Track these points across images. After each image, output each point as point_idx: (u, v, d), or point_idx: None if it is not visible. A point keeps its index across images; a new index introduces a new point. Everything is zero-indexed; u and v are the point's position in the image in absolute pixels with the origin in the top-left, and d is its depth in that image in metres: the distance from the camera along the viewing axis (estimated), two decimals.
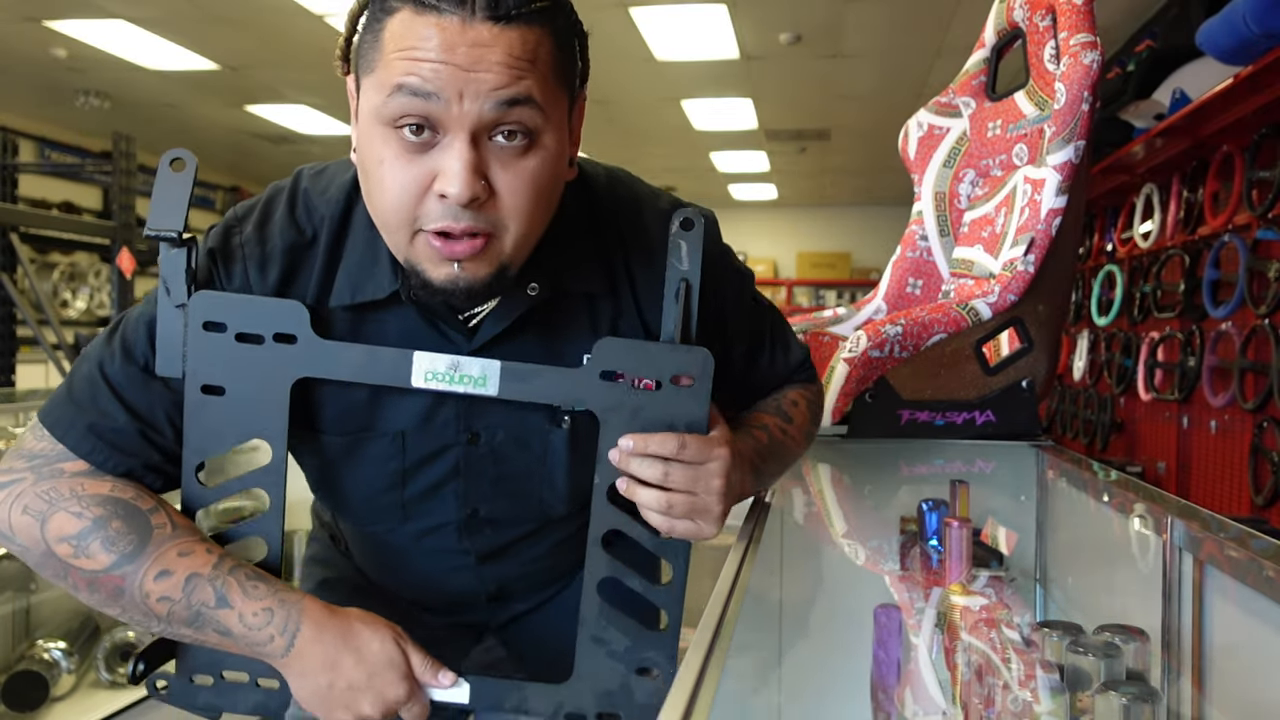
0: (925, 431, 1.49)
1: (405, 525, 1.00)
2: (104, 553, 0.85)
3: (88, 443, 0.88)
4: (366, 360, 0.87)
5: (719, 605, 0.76)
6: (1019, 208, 1.51)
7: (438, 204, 0.78)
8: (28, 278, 3.65)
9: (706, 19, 5.34)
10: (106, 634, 2.67)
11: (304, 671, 0.87)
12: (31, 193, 7.72)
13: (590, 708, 0.92)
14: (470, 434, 0.94)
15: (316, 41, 5.82)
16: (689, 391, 0.87)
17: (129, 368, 0.89)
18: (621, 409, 0.87)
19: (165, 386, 0.89)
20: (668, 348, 0.87)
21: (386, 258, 0.89)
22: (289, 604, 0.87)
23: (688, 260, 0.88)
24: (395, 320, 0.91)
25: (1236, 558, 0.83)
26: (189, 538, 0.88)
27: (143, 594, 0.85)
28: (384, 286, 0.89)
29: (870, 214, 11.75)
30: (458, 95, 0.76)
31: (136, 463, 0.89)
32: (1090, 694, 0.66)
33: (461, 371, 0.87)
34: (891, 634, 0.79)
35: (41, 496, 0.86)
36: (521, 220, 0.81)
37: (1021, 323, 1.49)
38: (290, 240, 0.91)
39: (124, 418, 0.88)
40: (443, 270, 0.81)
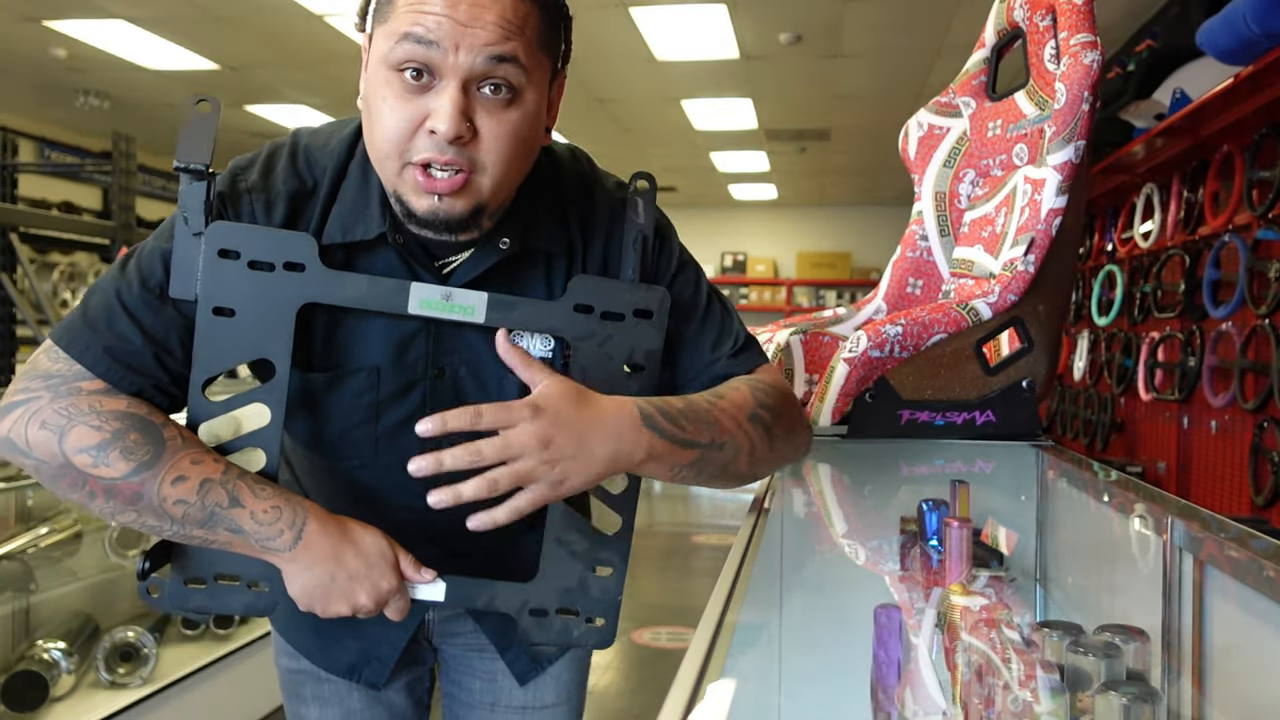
0: (925, 431, 1.49)
1: (376, 459, 1.08)
2: (123, 461, 0.92)
3: (104, 363, 0.95)
4: (368, 288, 0.97)
5: (719, 605, 0.76)
6: (1019, 208, 1.51)
7: (426, 139, 0.90)
8: (28, 278, 3.66)
9: (706, 19, 5.34)
10: (106, 634, 2.67)
11: (310, 563, 0.95)
12: (31, 193, 7.72)
13: (552, 603, 1.03)
14: (437, 369, 1.04)
15: (316, 41, 5.81)
16: (649, 324, 1.01)
17: (144, 294, 0.97)
18: (592, 338, 1.00)
19: (177, 311, 0.97)
20: (631, 285, 1.02)
21: (377, 203, 0.99)
22: (294, 503, 0.96)
23: (643, 215, 1.04)
24: (379, 262, 1.01)
25: (1236, 558, 0.83)
26: (198, 449, 0.96)
27: (160, 498, 0.92)
28: (372, 228, 0.99)
29: (870, 214, 11.74)
30: (454, 46, 0.88)
31: (148, 383, 0.97)
32: (1090, 694, 0.66)
33: (454, 300, 0.98)
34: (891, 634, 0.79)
35: (59, 413, 0.93)
36: (498, 164, 0.93)
37: (1021, 323, 1.49)
38: (293, 187, 1.01)
39: (139, 340, 0.96)
40: (425, 201, 0.92)
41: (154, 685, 2.66)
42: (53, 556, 2.64)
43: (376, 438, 1.06)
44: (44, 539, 2.60)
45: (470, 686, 1.30)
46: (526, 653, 1.27)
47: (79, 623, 2.69)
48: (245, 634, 3.08)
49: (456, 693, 1.32)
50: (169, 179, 9.83)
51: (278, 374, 0.98)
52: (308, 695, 1.28)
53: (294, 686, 1.29)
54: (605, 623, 1.04)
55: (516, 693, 1.28)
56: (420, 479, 1.04)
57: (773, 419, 1.06)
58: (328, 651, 1.25)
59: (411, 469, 0.93)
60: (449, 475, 1.04)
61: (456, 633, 1.28)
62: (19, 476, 2.56)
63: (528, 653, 1.27)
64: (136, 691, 2.61)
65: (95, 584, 2.86)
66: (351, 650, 1.23)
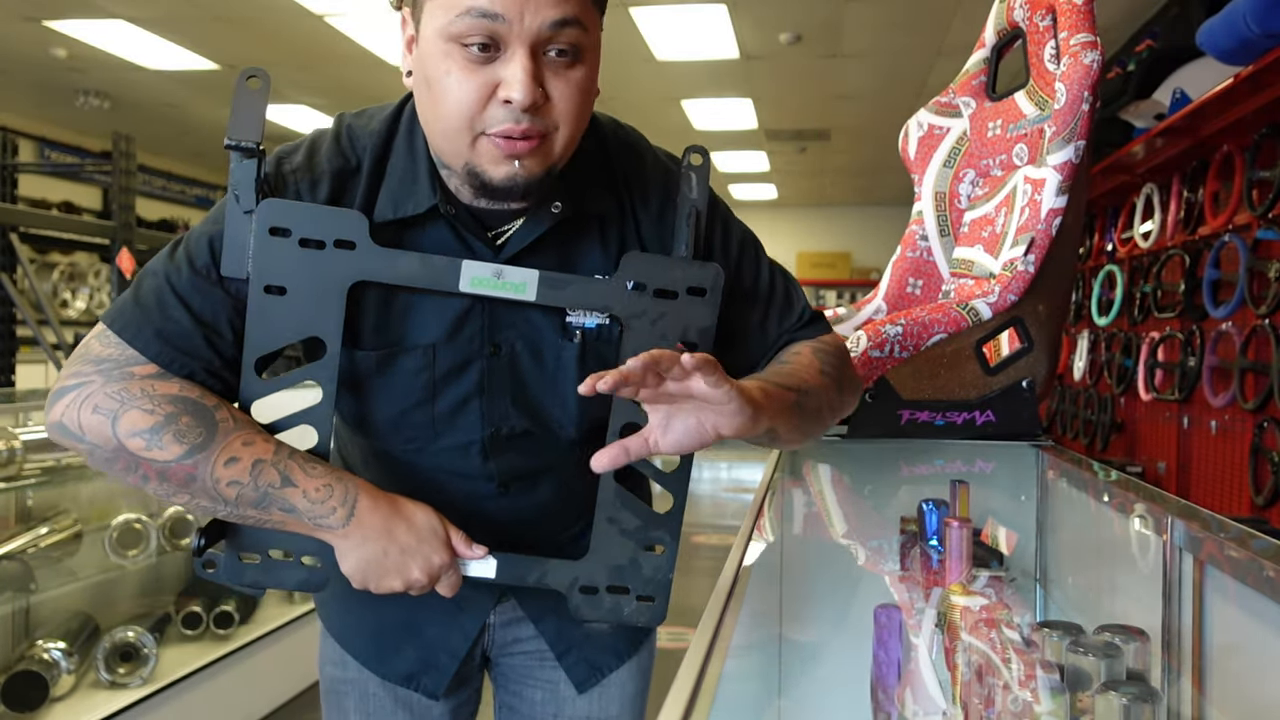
0: (925, 431, 1.49)
1: (435, 443, 1.06)
2: (176, 444, 0.93)
3: (155, 346, 0.96)
4: (419, 266, 0.97)
5: (719, 605, 0.76)
6: (1019, 208, 1.51)
7: (501, 109, 0.89)
8: (28, 278, 3.65)
9: (706, 19, 5.34)
10: (106, 634, 2.67)
11: (363, 539, 0.96)
12: (31, 193, 7.72)
13: (602, 580, 1.03)
14: (492, 345, 1.02)
15: (316, 41, 5.82)
16: (702, 301, 1.00)
17: (194, 277, 0.97)
18: (644, 316, 0.99)
19: (226, 293, 0.98)
20: (684, 262, 1.00)
21: (426, 176, 0.99)
22: (346, 480, 0.97)
23: (696, 190, 1.03)
24: (431, 235, 1.01)
25: (1236, 558, 0.83)
26: (250, 430, 0.96)
27: (214, 480, 0.93)
28: (423, 202, 0.99)
29: (870, 214, 11.74)
30: (519, 16, 0.88)
31: (199, 365, 0.97)
32: (1090, 694, 0.66)
33: (505, 279, 0.97)
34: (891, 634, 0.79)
35: (112, 397, 0.93)
36: (570, 123, 0.93)
37: (1021, 323, 1.49)
38: (337, 166, 1.00)
39: (189, 323, 0.97)
40: (503, 169, 0.92)
41: (154, 685, 2.66)
42: (53, 556, 2.64)
43: (434, 418, 1.05)
44: (44, 539, 2.60)
45: (531, 698, 1.26)
46: (586, 659, 1.24)
47: (79, 623, 2.69)
48: (245, 634, 3.08)
49: (516, 704, 1.27)
50: (169, 179, 9.83)
51: (329, 352, 0.99)
52: (350, 708, 1.24)
53: (337, 697, 1.25)
54: (657, 601, 1.04)
55: (580, 703, 1.24)
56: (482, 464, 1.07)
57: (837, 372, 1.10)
58: (385, 658, 1.21)
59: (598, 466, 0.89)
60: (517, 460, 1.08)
61: (516, 639, 1.24)
62: (19, 476, 2.56)
63: (587, 659, 1.24)
64: (136, 691, 2.61)
65: (95, 584, 2.86)
66: (410, 658, 1.20)
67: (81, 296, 7.39)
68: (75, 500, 2.80)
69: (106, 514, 2.87)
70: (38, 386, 4.12)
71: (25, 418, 2.71)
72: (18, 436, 2.52)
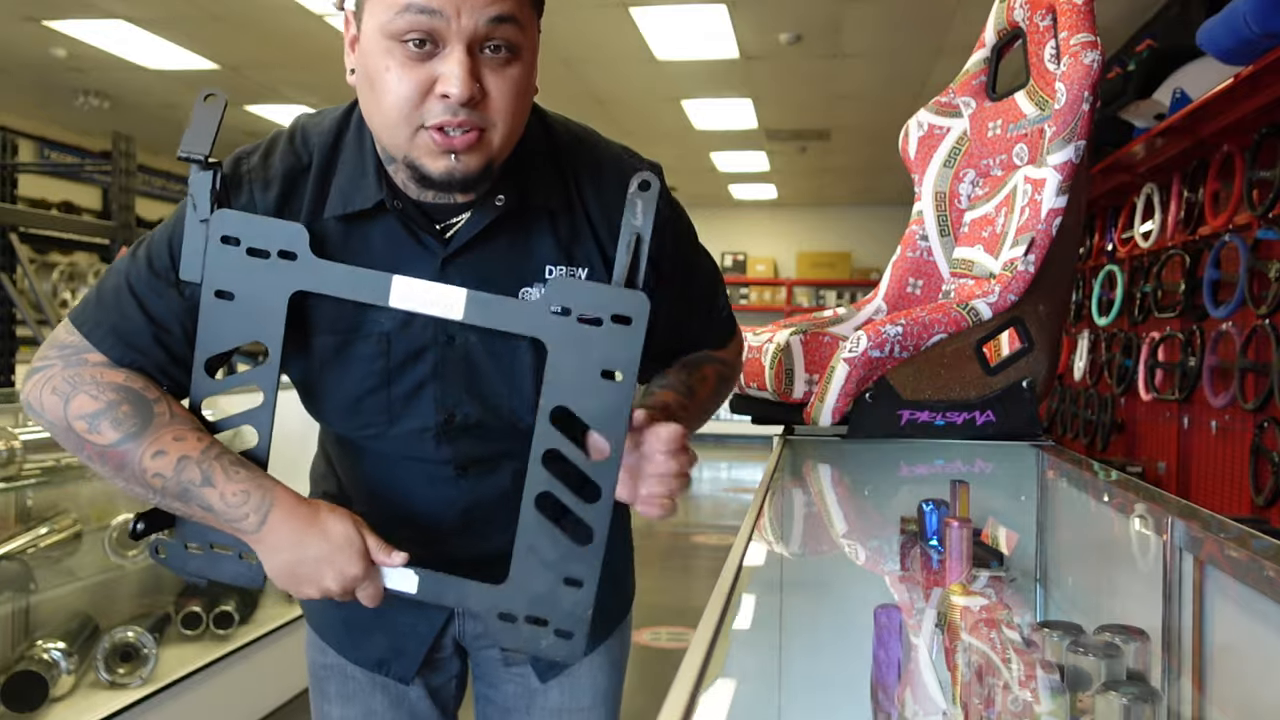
0: (925, 431, 1.49)
1: (391, 429, 1.09)
2: (112, 431, 0.99)
3: (108, 340, 1.02)
4: (352, 279, 0.99)
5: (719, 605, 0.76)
6: (1019, 208, 1.51)
7: (439, 103, 0.92)
8: (27, 278, 3.65)
9: (706, 19, 5.34)
10: (106, 634, 2.67)
11: (275, 547, 0.99)
12: (31, 193, 7.72)
13: (521, 609, 1.02)
14: (447, 336, 1.05)
15: (316, 41, 5.82)
16: (628, 330, 0.97)
17: (153, 279, 1.03)
18: (568, 341, 0.97)
19: (179, 296, 1.02)
20: (611, 290, 0.98)
21: (373, 173, 1.02)
22: (264, 488, 1.00)
23: (642, 216, 0.99)
24: (380, 229, 1.04)
25: (1236, 558, 0.83)
26: (184, 426, 1.01)
27: (140, 469, 0.99)
28: (370, 197, 1.02)
29: (870, 214, 11.74)
30: (456, 12, 0.90)
31: (147, 361, 1.03)
32: (1090, 694, 0.66)
33: (433, 295, 0.98)
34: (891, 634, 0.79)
35: (67, 380, 1.01)
36: (507, 119, 0.96)
37: (1022, 323, 1.49)
38: (289, 165, 1.04)
39: (141, 320, 1.02)
40: (441, 163, 0.95)
41: (154, 685, 2.66)
42: (53, 556, 2.64)
43: (389, 404, 1.07)
44: (44, 539, 2.60)
45: (504, 690, 1.30)
46: None
47: (79, 623, 2.69)
48: (245, 634, 3.08)
49: (493, 695, 1.31)
50: (169, 179, 9.83)
51: (269, 358, 1.02)
52: (332, 692, 1.28)
53: (320, 682, 1.29)
54: (575, 636, 1.02)
55: (551, 695, 1.28)
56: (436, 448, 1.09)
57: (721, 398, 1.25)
58: (357, 645, 1.25)
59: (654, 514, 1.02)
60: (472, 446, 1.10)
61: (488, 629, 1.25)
62: (19, 476, 2.56)
63: None
64: (136, 691, 2.61)
65: (95, 584, 2.86)
66: (380, 644, 1.24)
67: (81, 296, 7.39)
68: (75, 500, 2.80)
69: (106, 514, 2.87)
70: None
71: (25, 418, 2.70)
72: (18, 436, 2.52)
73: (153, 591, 3.11)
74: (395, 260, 1.03)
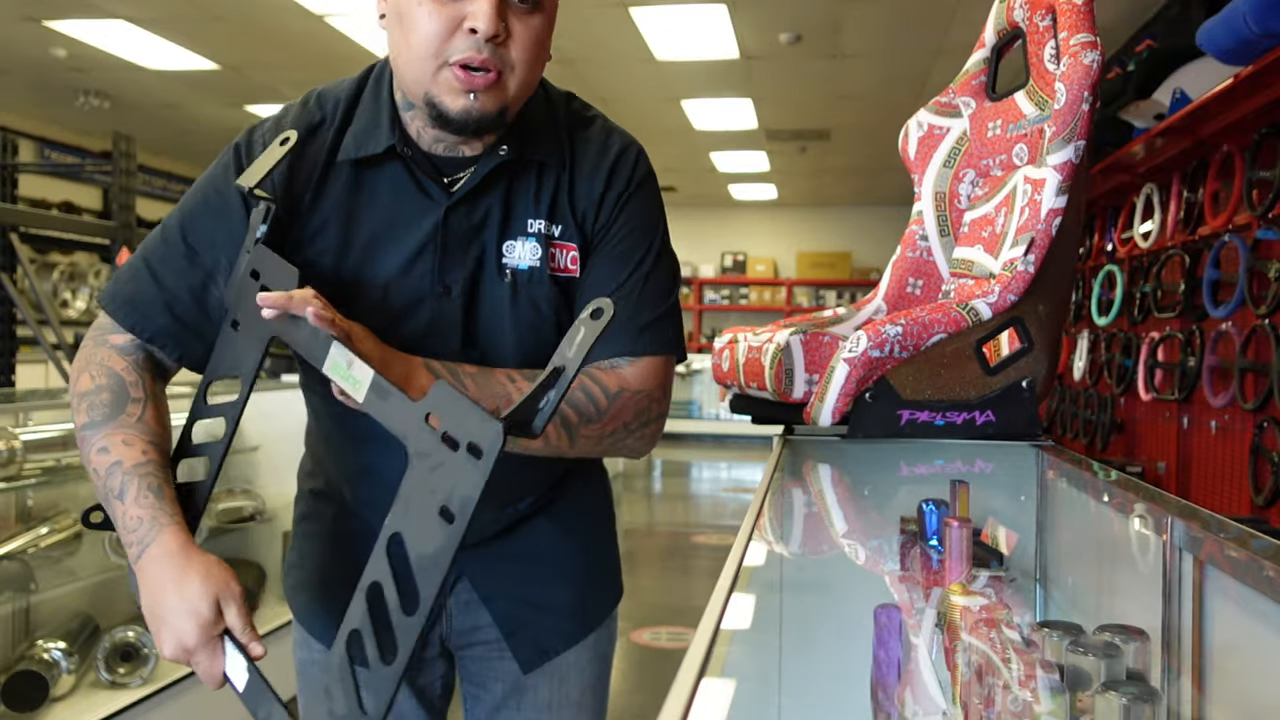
0: (925, 431, 1.49)
1: None
2: (84, 415, 1.05)
3: (124, 310, 1.09)
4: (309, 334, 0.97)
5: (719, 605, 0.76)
6: (1019, 208, 1.51)
7: (466, 38, 0.97)
8: (28, 278, 3.65)
9: (706, 19, 5.34)
10: (106, 634, 2.67)
11: (145, 584, 1.00)
12: (31, 193, 7.72)
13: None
14: (443, 285, 1.08)
15: (316, 41, 5.82)
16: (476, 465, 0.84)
17: (163, 249, 1.10)
18: (427, 458, 0.87)
19: (190, 267, 1.09)
20: (479, 414, 0.84)
21: (387, 121, 1.07)
22: (158, 524, 1.00)
23: (575, 349, 0.84)
24: (388, 177, 1.09)
25: (1236, 558, 0.83)
26: (141, 433, 1.04)
27: (87, 459, 1.04)
28: (382, 141, 1.07)
29: (870, 214, 11.74)
30: None
31: (157, 327, 1.09)
32: (1090, 694, 0.66)
33: (352, 369, 0.96)
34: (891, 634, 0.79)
35: (84, 359, 1.09)
36: (524, 66, 1.01)
37: (1021, 323, 1.49)
38: (304, 122, 1.10)
39: (152, 289, 1.09)
40: (460, 101, 1.00)
41: (154, 685, 2.66)
42: (53, 556, 2.64)
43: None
44: (44, 539, 2.60)
45: (493, 689, 1.30)
46: (532, 640, 1.28)
47: (79, 623, 2.69)
48: None
49: (481, 694, 1.32)
50: (169, 179, 9.83)
51: (240, 394, 1.06)
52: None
53: (306, 678, 1.30)
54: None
55: (542, 690, 1.29)
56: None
57: (578, 419, 1.07)
58: None
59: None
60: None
61: (475, 625, 1.28)
62: (19, 476, 2.56)
63: (534, 640, 1.28)
64: (136, 691, 2.61)
65: (95, 584, 2.86)
66: None
67: (81, 296, 7.38)
68: (75, 500, 2.80)
69: None
70: (38, 386, 4.12)
71: (25, 418, 2.71)
72: (18, 436, 2.52)
73: None
74: (399, 207, 1.08)
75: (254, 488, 3.35)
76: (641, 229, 1.15)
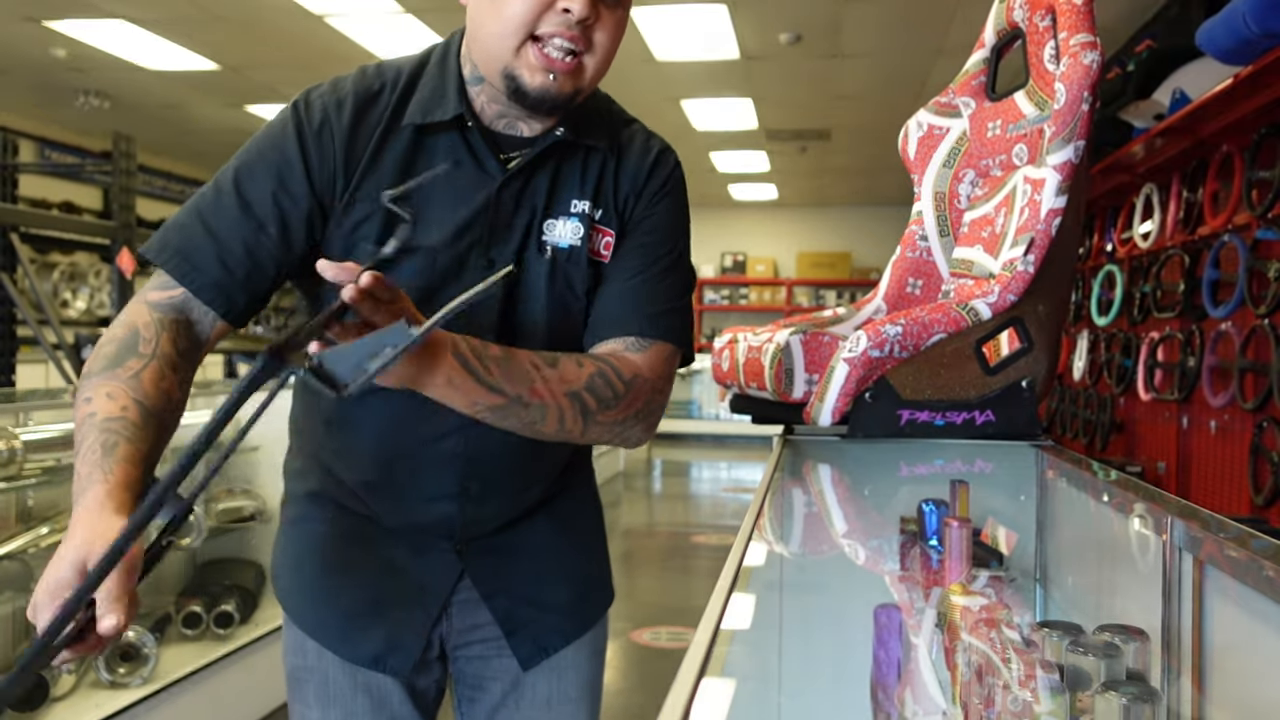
0: (925, 431, 1.49)
1: None
2: (90, 363, 1.02)
3: (175, 260, 1.07)
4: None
5: (719, 605, 0.76)
6: (1019, 208, 1.51)
7: (558, 16, 1.01)
8: (28, 278, 3.65)
9: (706, 19, 5.34)
10: None
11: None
12: (31, 193, 7.71)
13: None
14: (488, 259, 1.11)
15: (316, 41, 5.81)
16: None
17: (217, 202, 1.09)
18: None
19: (244, 219, 1.07)
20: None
21: (454, 90, 1.10)
22: (92, 483, 0.89)
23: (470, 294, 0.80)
24: (445, 147, 1.11)
25: (1236, 558, 0.83)
26: (128, 388, 0.98)
27: (76, 405, 0.99)
28: (450, 110, 1.10)
29: (870, 214, 11.74)
30: None
31: (208, 279, 1.06)
32: (1090, 694, 0.66)
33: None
34: (891, 634, 0.79)
35: (120, 316, 1.06)
36: (602, 54, 1.06)
37: (1021, 323, 1.49)
38: (361, 89, 1.12)
39: (205, 241, 1.07)
40: (540, 78, 1.03)
41: (154, 685, 2.66)
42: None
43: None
44: (44, 539, 2.60)
45: (491, 689, 1.30)
46: (533, 638, 1.28)
47: None
48: (245, 634, 3.08)
49: (478, 696, 1.31)
50: (169, 179, 9.82)
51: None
52: (311, 696, 1.27)
53: (299, 685, 1.28)
54: None
55: (540, 687, 1.29)
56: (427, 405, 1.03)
57: (597, 404, 1.06)
58: (352, 641, 1.24)
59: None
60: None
61: (475, 624, 1.27)
62: (19, 476, 2.56)
63: (534, 638, 1.28)
64: (136, 691, 2.61)
65: None
66: (377, 640, 1.23)
67: (82, 296, 7.38)
68: None
69: None
70: (38, 386, 4.12)
71: (25, 418, 2.70)
72: (18, 436, 2.52)
73: (153, 591, 3.11)
74: (455, 177, 1.10)
75: (254, 488, 3.35)
76: (669, 229, 1.20)
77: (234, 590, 3.11)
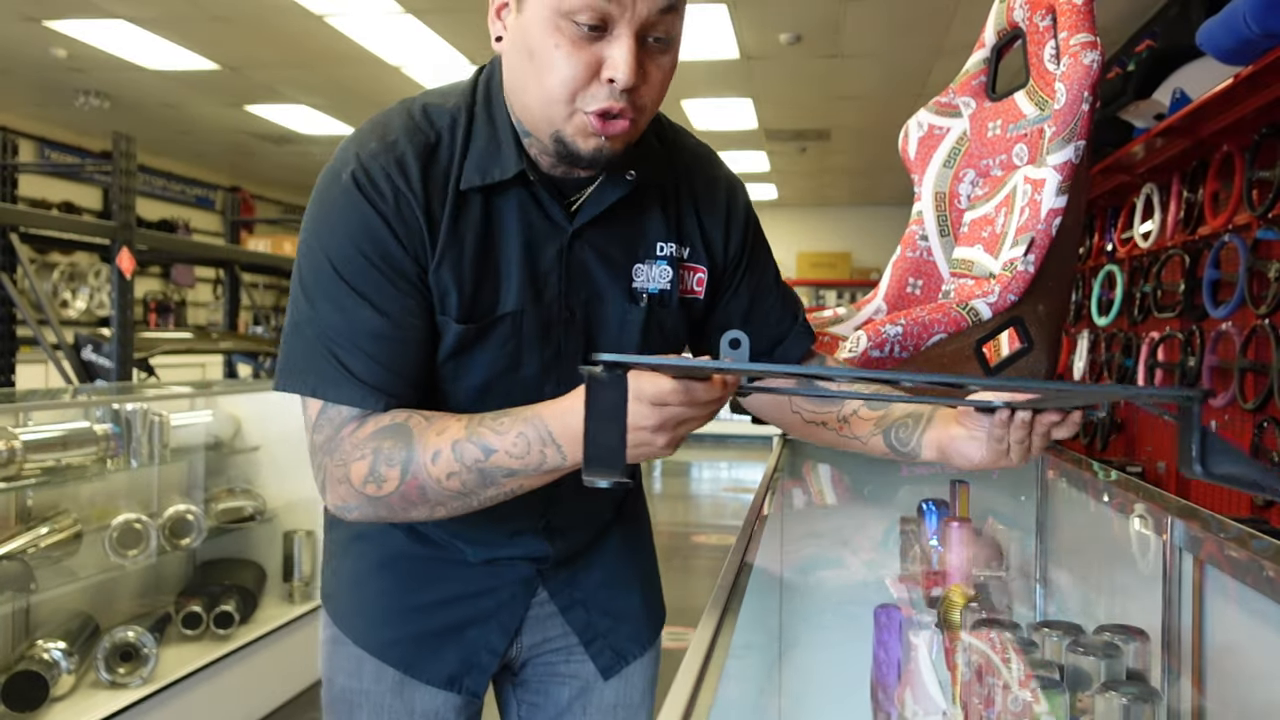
0: None
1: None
2: (390, 469, 0.94)
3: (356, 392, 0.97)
4: None
5: (719, 605, 0.76)
6: (1019, 208, 1.51)
7: (603, 87, 0.93)
8: (28, 278, 3.65)
9: (706, 19, 5.34)
10: (106, 634, 2.67)
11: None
12: (31, 193, 7.71)
13: None
14: (569, 311, 1.07)
15: (316, 41, 5.81)
16: None
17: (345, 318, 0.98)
18: None
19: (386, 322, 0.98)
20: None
21: (510, 144, 1.03)
22: (530, 418, 0.90)
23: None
24: (512, 203, 1.04)
25: (1236, 558, 0.82)
26: (440, 419, 0.95)
27: (435, 482, 0.93)
28: (510, 168, 1.02)
29: (870, 214, 11.74)
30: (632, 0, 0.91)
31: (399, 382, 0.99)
32: (1090, 694, 0.66)
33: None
34: (891, 634, 0.79)
35: (339, 465, 0.97)
36: (653, 106, 0.99)
37: (1021, 323, 1.49)
38: (417, 143, 1.01)
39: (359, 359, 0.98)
40: (592, 143, 0.96)
41: (154, 685, 2.66)
42: (53, 556, 2.64)
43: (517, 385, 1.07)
44: (44, 539, 2.60)
45: (558, 696, 1.28)
46: (611, 647, 1.27)
47: (79, 623, 2.69)
48: (245, 634, 3.08)
49: (541, 702, 1.29)
50: (169, 179, 9.82)
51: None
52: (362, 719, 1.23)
53: (349, 707, 1.23)
54: None
55: (607, 693, 1.28)
56: None
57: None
58: (425, 663, 1.21)
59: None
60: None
61: (546, 638, 1.26)
62: (19, 476, 2.56)
63: (612, 647, 1.28)
64: (136, 691, 2.61)
65: (95, 584, 2.86)
66: (452, 660, 1.21)
67: (81, 296, 7.39)
68: (75, 500, 2.80)
69: (106, 514, 2.87)
70: (37, 386, 4.12)
71: (25, 418, 2.70)
72: (18, 436, 2.52)
73: (153, 591, 3.11)
74: (526, 234, 1.04)
75: (254, 488, 3.35)
76: (768, 250, 1.23)
77: (234, 590, 3.11)
